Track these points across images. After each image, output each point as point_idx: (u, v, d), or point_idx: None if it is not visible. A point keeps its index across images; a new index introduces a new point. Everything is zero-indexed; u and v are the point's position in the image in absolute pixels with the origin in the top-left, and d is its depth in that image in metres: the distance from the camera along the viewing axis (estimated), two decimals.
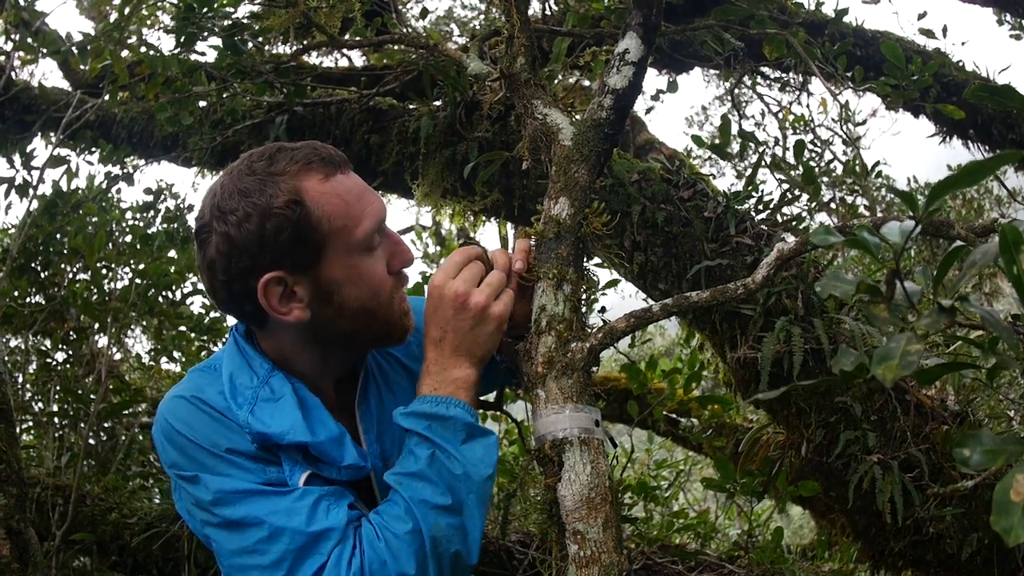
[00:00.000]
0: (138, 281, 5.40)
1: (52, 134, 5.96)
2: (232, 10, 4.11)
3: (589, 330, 1.78)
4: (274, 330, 1.71)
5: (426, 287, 1.93)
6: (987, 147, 6.67)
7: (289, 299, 1.63)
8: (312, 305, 1.63)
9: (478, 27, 7.95)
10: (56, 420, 5.28)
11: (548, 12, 5.76)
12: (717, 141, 4.05)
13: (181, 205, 5.85)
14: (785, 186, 3.96)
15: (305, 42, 4.98)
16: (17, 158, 5.28)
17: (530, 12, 2.27)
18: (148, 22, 5.88)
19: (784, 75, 6.99)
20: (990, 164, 1.02)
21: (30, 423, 5.57)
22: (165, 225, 5.73)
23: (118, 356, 6.39)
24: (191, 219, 5.77)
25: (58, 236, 5.28)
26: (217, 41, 4.17)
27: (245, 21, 4.22)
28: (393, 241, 1.73)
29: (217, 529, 1.62)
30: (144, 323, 5.95)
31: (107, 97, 5.34)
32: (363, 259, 1.65)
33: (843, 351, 1.13)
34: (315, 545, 1.54)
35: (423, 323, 1.74)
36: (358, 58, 6.82)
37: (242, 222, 1.57)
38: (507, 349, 1.79)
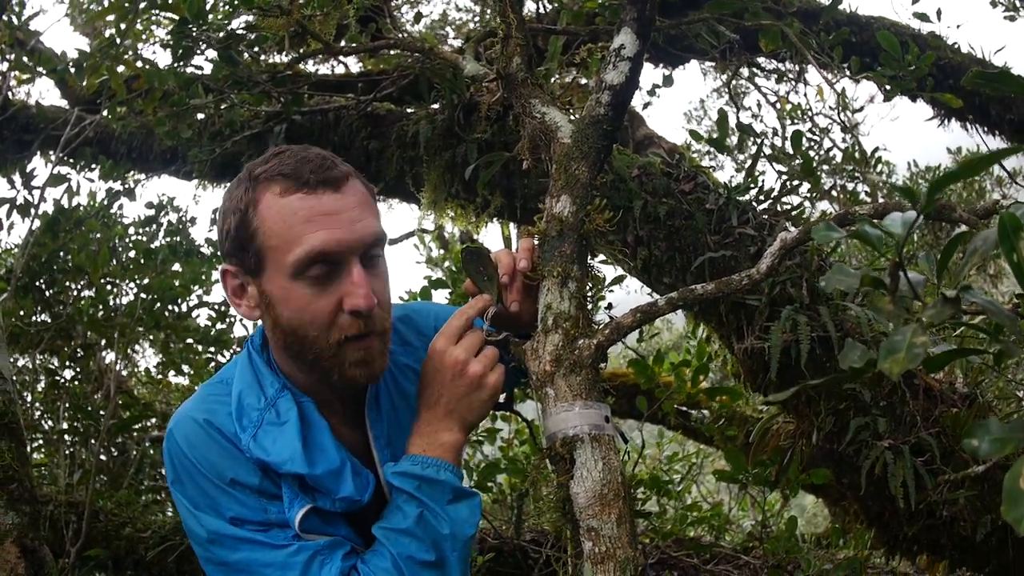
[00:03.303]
0: (143, 296, 5.42)
1: (51, 152, 5.97)
2: (227, 22, 4.12)
3: (596, 326, 1.78)
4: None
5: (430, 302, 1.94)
6: (985, 128, 6.66)
7: (242, 293, 1.70)
8: (258, 308, 1.69)
9: (473, 29, 7.95)
10: (67, 437, 5.29)
11: (542, 11, 5.76)
12: (715, 135, 4.04)
13: (183, 218, 5.86)
14: (784, 176, 3.96)
15: (301, 50, 4.98)
16: (17, 178, 5.29)
17: (524, 11, 2.27)
18: (143, 37, 5.89)
19: (780, 65, 6.98)
20: (987, 159, 1.02)
21: (41, 441, 5.58)
22: (168, 239, 5.74)
23: (126, 371, 6.40)
24: (194, 232, 5.79)
25: (61, 254, 5.29)
26: (213, 53, 4.17)
27: (240, 32, 4.22)
28: (352, 281, 1.62)
29: (211, 565, 1.67)
30: (151, 337, 5.96)
31: (105, 113, 5.35)
32: (296, 284, 1.61)
33: (850, 346, 1.13)
34: None
35: (420, 384, 1.76)
36: (354, 64, 6.83)
37: (220, 210, 1.70)
38: (515, 349, 1.79)
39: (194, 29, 3.97)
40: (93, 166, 5.79)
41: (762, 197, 3.80)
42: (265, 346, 1.79)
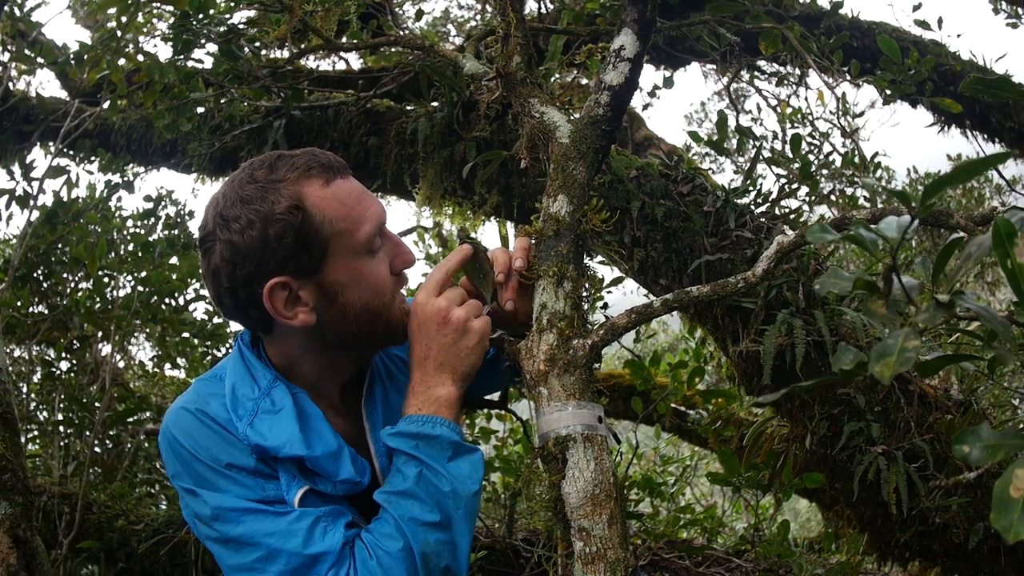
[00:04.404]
0: (140, 288, 5.41)
1: (51, 144, 5.96)
2: (228, 16, 4.12)
3: (590, 327, 1.79)
4: (280, 335, 1.74)
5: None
6: (985, 136, 6.66)
7: (294, 303, 1.65)
8: (317, 308, 1.66)
9: (474, 27, 7.95)
10: (61, 429, 5.29)
11: (543, 10, 5.76)
12: (715, 137, 4.04)
13: (182, 211, 5.86)
14: (783, 180, 3.96)
15: (302, 46, 4.98)
16: (16, 169, 5.28)
17: (525, 10, 2.27)
18: (145, 30, 5.89)
19: (781, 69, 6.98)
20: (984, 163, 1.02)
21: (35, 432, 5.58)
22: (166, 232, 5.74)
23: (122, 364, 6.40)
24: (192, 225, 5.79)
25: (59, 246, 5.29)
26: (214, 48, 4.17)
27: (241, 27, 4.22)
28: (394, 243, 1.75)
29: (216, 544, 1.67)
30: (147, 330, 5.96)
31: (105, 106, 5.35)
32: (365, 261, 1.68)
33: (843, 349, 1.13)
34: (311, 567, 1.59)
35: (409, 343, 1.76)
36: (355, 61, 6.83)
37: (245, 229, 1.60)
38: (510, 348, 1.79)
39: (195, 23, 3.97)
40: (92, 158, 5.78)
41: (760, 200, 3.80)
42: (255, 340, 1.80)
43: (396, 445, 1.66)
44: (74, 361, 5.71)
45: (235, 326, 5.78)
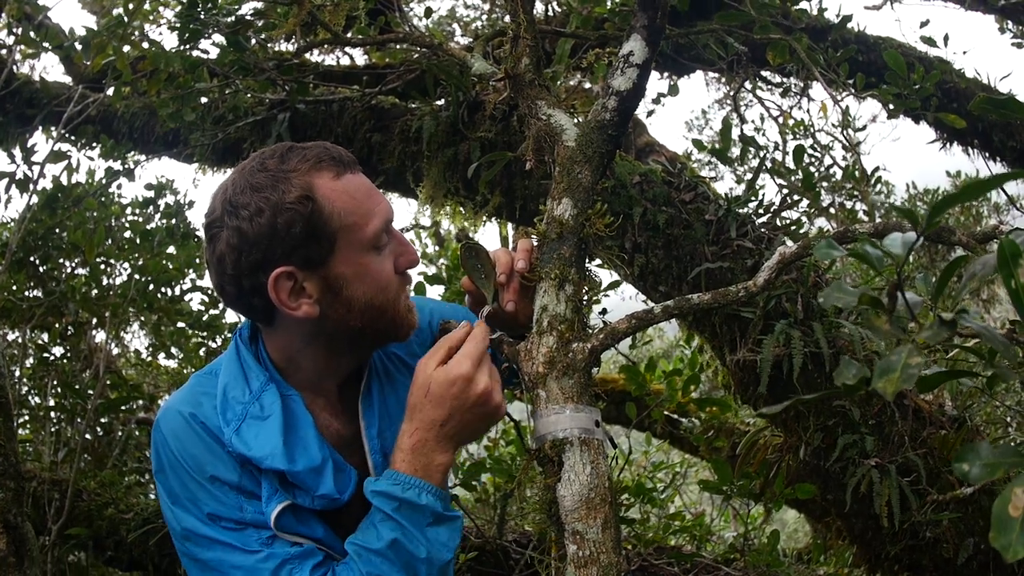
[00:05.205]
0: (137, 277, 5.40)
1: (53, 129, 5.95)
2: (236, 7, 4.12)
3: (590, 331, 1.78)
4: (282, 327, 1.72)
5: (439, 300, 1.93)
6: (987, 154, 6.66)
7: (298, 295, 1.64)
8: (321, 301, 1.65)
9: (480, 27, 7.95)
10: (53, 415, 5.28)
11: (551, 14, 5.76)
12: (717, 145, 4.05)
13: (181, 201, 5.85)
14: (785, 191, 3.97)
15: (308, 39, 4.97)
16: (18, 152, 5.27)
17: (534, 13, 2.27)
18: (151, 18, 5.88)
19: (785, 80, 6.99)
20: (994, 181, 1.02)
21: (27, 417, 5.57)
22: (165, 221, 5.72)
23: (116, 351, 6.39)
24: (191, 215, 5.78)
25: (57, 231, 5.28)
26: (220, 38, 4.17)
27: (248, 18, 4.22)
28: (399, 241, 1.75)
29: (184, 558, 1.69)
30: (143, 319, 5.96)
31: (109, 92, 5.34)
32: (371, 257, 1.67)
33: (845, 363, 1.13)
34: None
35: (423, 396, 1.68)
36: (360, 57, 6.82)
37: (254, 216, 1.59)
38: (509, 349, 1.79)
39: (203, 12, 3.97)
40: (94, 144, 5.77)
41: (761, 211, 3.81)
42: (254, 338, 1.80)
43: (377, 504, 1.63)
44: (68, 347, 5.70)
45: (231, 317, 5.78)
